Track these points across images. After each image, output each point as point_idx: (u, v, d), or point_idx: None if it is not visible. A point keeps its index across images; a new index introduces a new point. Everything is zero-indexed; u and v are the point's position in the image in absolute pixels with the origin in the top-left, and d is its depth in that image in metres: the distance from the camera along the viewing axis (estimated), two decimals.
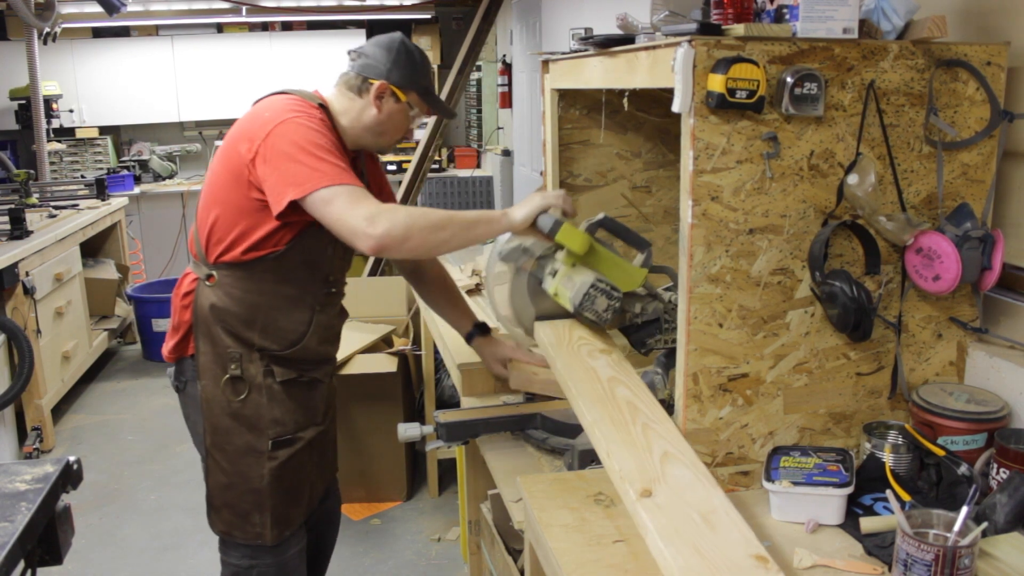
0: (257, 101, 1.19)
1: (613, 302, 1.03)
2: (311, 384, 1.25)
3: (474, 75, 4.57)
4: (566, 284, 1.05)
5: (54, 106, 4.04)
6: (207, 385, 1.19)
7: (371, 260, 2.83)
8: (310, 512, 1.31)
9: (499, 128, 4.41)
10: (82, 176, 4.22)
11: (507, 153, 4.09)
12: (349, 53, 1.21)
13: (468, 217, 1.04)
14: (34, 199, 3.30)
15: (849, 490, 0.85)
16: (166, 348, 1.25)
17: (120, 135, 4.68)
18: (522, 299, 1.12)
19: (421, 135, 2.90)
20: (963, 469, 0.86)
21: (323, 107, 1.17)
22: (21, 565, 0.86)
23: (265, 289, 1.16)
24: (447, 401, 2.14)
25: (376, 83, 1.17)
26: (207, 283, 1.17)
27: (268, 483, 1.20)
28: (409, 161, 3.09)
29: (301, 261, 1.17)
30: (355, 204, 1.03)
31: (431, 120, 2.81)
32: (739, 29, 0.86)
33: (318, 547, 1.43)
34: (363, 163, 1.29)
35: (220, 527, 1.24)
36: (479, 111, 4.66)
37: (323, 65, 4.49)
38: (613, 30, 1.09)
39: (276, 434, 1.20)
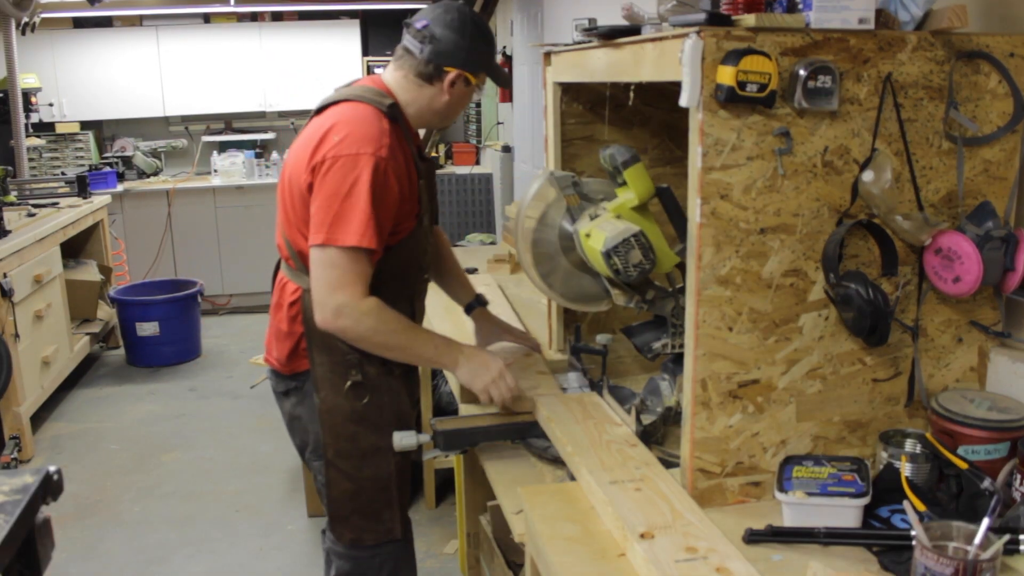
0: (321, 109, 1.14)
1: (646, 263, 1.00)
2: (415, 371, 1.28)
3: None
4: (604, 227, 1.02)
5: (33, 100, 3.93)
6: (327, 396, 1.17)
7: None
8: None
9: (499, 123, 4.35)
10: (62, 173, 4.12)
11: (507, 149, 4.03)
12: (408, 27, 1.15)
13: (425, 351, 1.14)
14: (12, 197, 3.22)
15: (865, 501, 0.83)
16: (276, 357, 1.23)
17: (102, 130, 4.58)
18: (550, 232, 1.10)
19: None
20: (986, 484, 0.83)
21: (393, 108, 1.12)
22: None
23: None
24: (445, 408, 2.12)
25: (452, 72, 1.13)
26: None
27: (395, 477, 1.21)
28: None
29: (400, 261, 1.17)
30: (340, 287, 1.06)
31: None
32: (750, 19, 0.83)
33: None
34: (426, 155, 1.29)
35: (349, 536, 1.22)
36: (478, 105, 4.58)
37: (315, 57, 4.41)
38: (618, 21, 1.06)
39: (397, 428, 1.21)
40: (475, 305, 1.40)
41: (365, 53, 4.61)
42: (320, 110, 1.15)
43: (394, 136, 1.10)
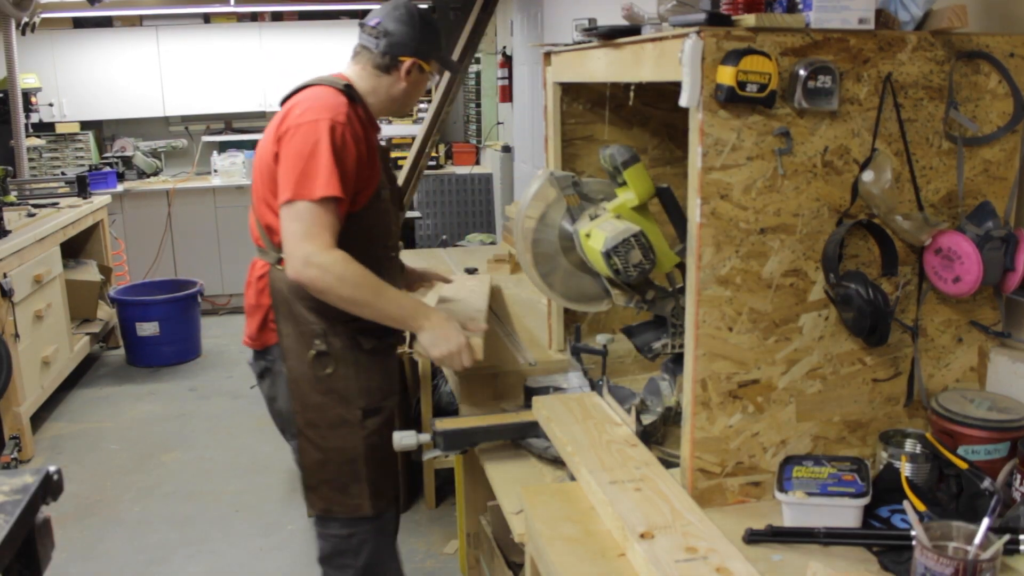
0: (287, 97, 1.24)
1: (646, 263, 1.01)
2: (389, 350, 1.29)
3: (473, 68, 4.49)
4: (604, 227, 1.03)
5: (33, 100, 3.93)
6: (294, 365, 1.21)
7: None
8: (397, 491, 1.34)
9: (499, 123, 4.34)
10: (63, 173, 4.11)
11: (507, 149, 4.03)
12: (363, 27, 1.26)
13: (389, 309, 1.15)
14: (12, 197, 3.22)
15: (865, 501, 0.83)
16: (248, 334, 1.28)
17: (102, 130, 4.57)
18: (550, 232, 1.12)
19: (417, 130, 2.86)
20: (986, 484, 0.83)
21: (349, 87, 1.21)
22: None
23: None
24: (445, 408, 2.11)
25: (407, 61, 1.23)
26: (279, 267, 1.19)
27: (363, 453, 1.23)
28: (405, 158, 3.03)
29: (364, 232, 1.21)
30: (308, 237, 1.10)
31: (428, 114, 2.82)
32: (750, 19, 0.83)
33: None
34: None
35: (319, 505, 1.26)
36: (478, 105, 4.59)
37: (315, 57, 4.41)
38: (618, 21, 1.06)
39: (365, 404, 1.23)
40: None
41: None
42: (283, 102, 1.24)
43: (352, 110, 1.17)
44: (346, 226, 1.16)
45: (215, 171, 4.34)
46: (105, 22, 4.30)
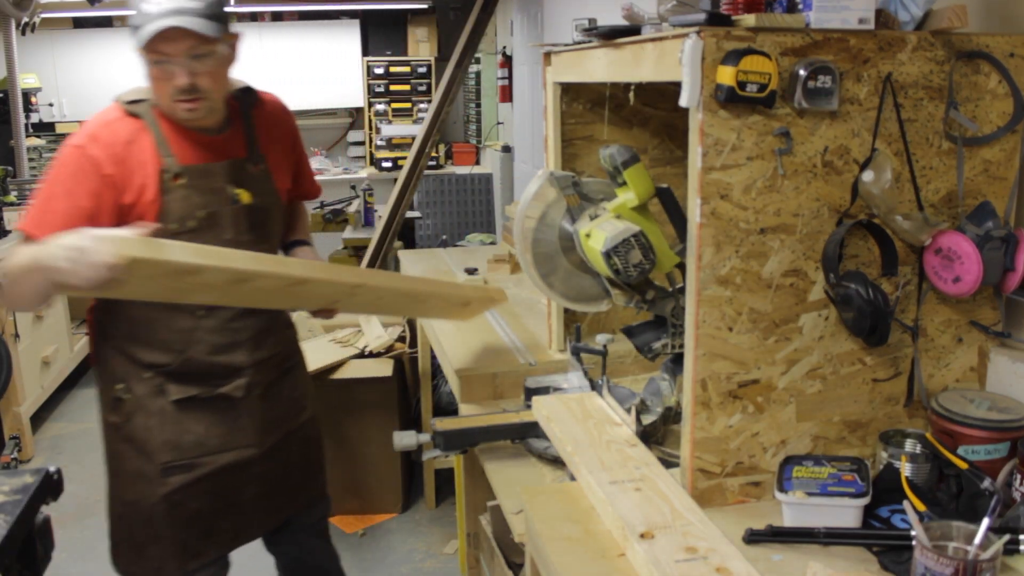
0: None
1: (646, 263, 1.01)
2: (225, 401, 1.15)
3: (473, 68, 4.50)
4: (604, 227, 1.03)
5: (33, 100, 3.94)
6: (102, 408, 1.17)
7: (365, 260, 2.78)
8: (233, 547, 1.23)
9: (499, 123, 4.35)
10: None
11: (507, 149, 4.03)
12: None
13: (19, 264, 0.95)
14: (12, 197, 3.21)
15: (865, 501, 0.83)
16: None
17: None
18: (550, 232, 1.11)
19: (417, 130, 2.85)
20: (986, 484, 0.83)
21: (132, 102, 1.07)
22: None
23: (137, 300, 1.05)
24: (445, 408, 2.11)
25: None
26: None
27: (162, 512, 1.13)
28: (405, 158, 3.03)
29: None
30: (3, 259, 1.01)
31: (428, 114, 2.76)
32: (750, 19, 0.83)
33: None
34: (251, 130, 1.15)
35: (121, 566, 1.18)
36: (478, 105, 4.60)
37: (315, 57, 4.41)
38: (618, 21, 1.05)
39: (169, 459, 1.13)
40: (293, 245, 1.27)
41: (365, 53, 4.61)
42: None
43: (124, 127, 1.04)
44: None
45: None
46: (105, 22, 4.31)
